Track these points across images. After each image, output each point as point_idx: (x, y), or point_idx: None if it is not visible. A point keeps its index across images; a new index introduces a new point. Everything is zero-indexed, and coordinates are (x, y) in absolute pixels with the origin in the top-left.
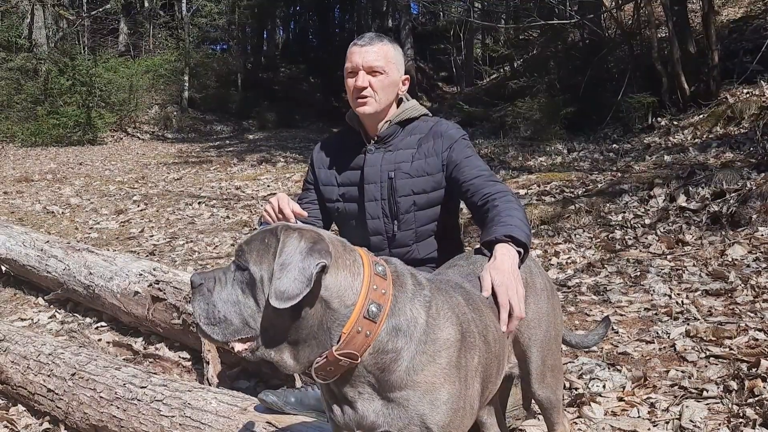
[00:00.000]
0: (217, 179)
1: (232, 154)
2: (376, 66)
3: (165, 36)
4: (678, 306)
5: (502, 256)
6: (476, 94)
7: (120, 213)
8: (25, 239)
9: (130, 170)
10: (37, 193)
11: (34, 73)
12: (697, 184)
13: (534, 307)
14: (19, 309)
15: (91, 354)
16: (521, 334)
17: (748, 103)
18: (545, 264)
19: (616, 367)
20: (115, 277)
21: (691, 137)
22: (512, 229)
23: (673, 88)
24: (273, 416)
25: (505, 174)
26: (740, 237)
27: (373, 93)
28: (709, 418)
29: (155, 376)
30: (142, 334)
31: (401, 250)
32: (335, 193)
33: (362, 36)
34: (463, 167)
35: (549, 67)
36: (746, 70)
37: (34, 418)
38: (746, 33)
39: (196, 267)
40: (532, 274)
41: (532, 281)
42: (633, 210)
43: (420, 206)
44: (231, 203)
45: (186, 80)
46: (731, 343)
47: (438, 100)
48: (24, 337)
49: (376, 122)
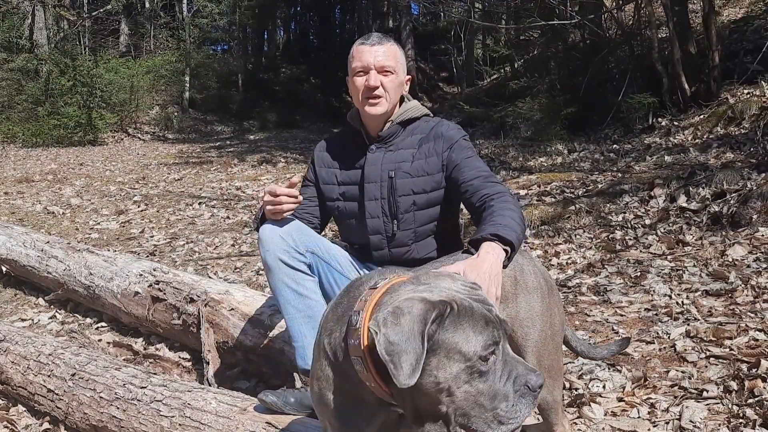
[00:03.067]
0: (217, 180)
1: (233, 155)
2: (388, 66)
3: (166, 36)
4: (678, 306)
5: (485, 254)
6: (477, 95)
7: (120, 213)
8: (25, 240)
9: (131, 171)
10: (38, 194)
11: (35, 74)
12: (698, 184)
13: (526, 306)
14: (19, 309)
15: (91, 354)
16: (515, 333)
17: (748, 103)
18: (545, 264)
19: (616, 368)
20: (116, 277)
21: (691, 137)
22: (500, 228)
23: (674, 89)
24: (273, 416)
25: (505, 174)
26: (741, 237)
27: (384, 93)
28: (709, 419)
29: (155, 376)
30: (142, 334)
31: (400, 249)
32: (335, 192)
33: (369, 35)
34: (463, 168)
35: (549, 67)
36: (747, 71)
37: (34, 418)
38: (747, 33)
39: (196, 267)
40: (523, 272)
41: (524, 280)
42: (633, 210)
43: (420, 206)
44: (231, 204)
45: (187, 81)
46: (731, 344)
47: (439, 100)
48: (24, 338)
49: (381, 122)
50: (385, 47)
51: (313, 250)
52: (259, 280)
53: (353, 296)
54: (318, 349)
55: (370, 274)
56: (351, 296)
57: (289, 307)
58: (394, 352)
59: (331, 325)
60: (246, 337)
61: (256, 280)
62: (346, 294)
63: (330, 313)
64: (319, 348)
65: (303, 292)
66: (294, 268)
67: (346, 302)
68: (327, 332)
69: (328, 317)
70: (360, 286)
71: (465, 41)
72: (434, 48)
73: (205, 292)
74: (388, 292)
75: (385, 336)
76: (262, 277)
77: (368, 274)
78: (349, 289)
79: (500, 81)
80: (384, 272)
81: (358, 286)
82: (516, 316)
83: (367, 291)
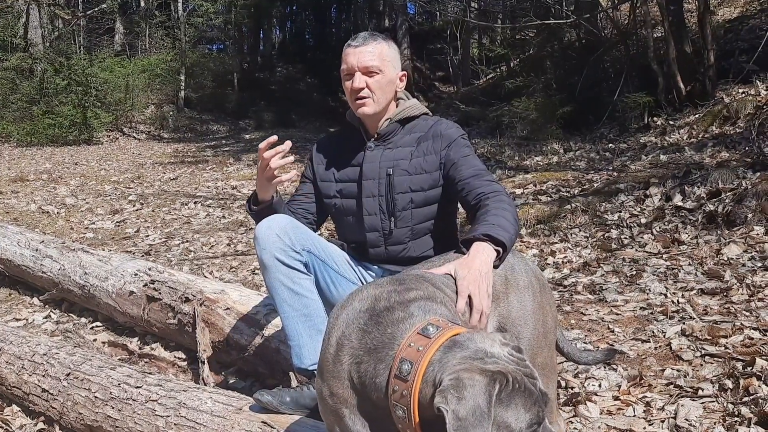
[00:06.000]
0: (213, 179)
1: (229, 154)
2: (372, 66)
3: (161, 35)
4: (674, 305)
5: (476, 253)
6: (473, 94)
7: (115, 213)
8: (20, 239)
9: (126, 170)
10: (33, 193)
11: (30, 73)
12: (693, 183)
13: (517, 305)
14: (13, 309)
15: (86, 354)
16: (507, 332)
17: (743, 102)
18: (541, 263)
19: (611, 366)
20: (111, 276)
21: (686, 137)
22: (491, 228)
23: (669, 88)
24: (269, 416)
25: (501, 174)
26: (736, 236)
27: (370, 93)
28: (705, 417)
29: (150, 376)
30: (137, 334)
31: (397, 247)
32: (333, 189)
33: (356, 36)
34: (460, 166)
35: (545, 66)
36: (742, 70)
37: (29, 418)
38: (742, 33)
39: (192, 267)
40: (514, 271)
41: (515, 279)
42: (629, 209)
43: (417, 204)
44: (227, 203)
45: (182, 80)
46: (726, 342)
47: (435, 99)
48: (19, 338)
49: (376, 121)
50: (370, 47)
51: (310, 248)
52: (254, 280)
53: (390, 332)
54: (336, 365)
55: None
56: (384, 329)
57: (286, 305)
58: (461, 428)
59: (361, 354)
60: (242, 337)
61: (252, 280)
62: (376, 324)
63: (354, 335)
64: (338, 364)
65: (299, 291)
66: (290, 266)
67: (378, 334)
68: (353, 357)
69: (352, 339)
70: (399, 322)
71: (461, 40)
72: (430, 47)
73: (200, 291)
74: (440, 349)
75: (455, 413)
76: (257, 277)
77: (402, 303)
78: (379, 319)
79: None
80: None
81: (396, 323)
82: (508, 315)
83: (417, 337)
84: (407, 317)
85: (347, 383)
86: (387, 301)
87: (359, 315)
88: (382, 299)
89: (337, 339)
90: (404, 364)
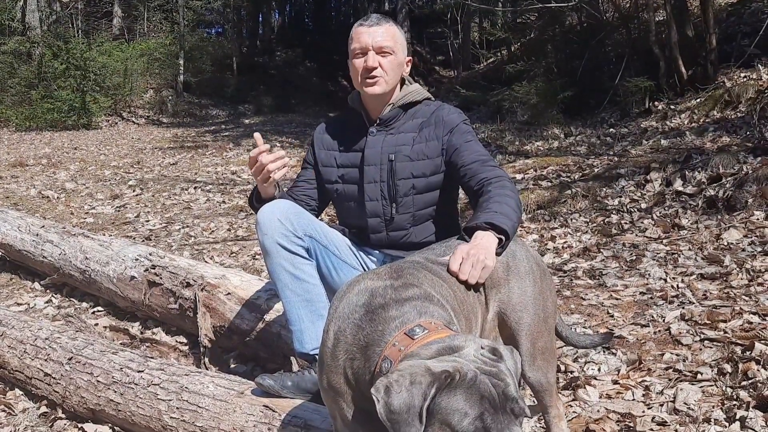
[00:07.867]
0: (213, 164)
1: (228, 139)
2: (386, 46)
3: (159, 19)
4: (673, 290)
5: (480, 241)
6: (473, 78)
7: (115, 198)
8: (20, 224)
9: (126, 155)
10: (32, 178)
11: (28, 57)
12: (694, 168)
13: (518, 291)
14: (15, 294)
15: (87, 339)
16: (508, 317)
17: (745, 87)
18: (541, 248)
19: (611, 351)
20: (111, 261)
21: (688, 121)
22: (494, 216)
23: (671, 72)
24: (270, 400)
25: (502, 158)
26: (736, 221)
27: (383, 73)
28: (704, 401)
29: (152, 360)
30: (138, 318)
31: (398, 233)
32: (335, 175)
33: (368, 17)
34: (462, 152)
35: (546, 50)
36: (744, 54)
37: (32, 402)
38: (744, 16)
39: (192, 252)
40: (515, 258)
41: (515, 265)
42: (629, 194)
43: (419, 190)
44: (227, 188)
45: (181, 64)
46: (726, 327)
47: (435, 84)
48: (21, 322)
49: (381, 104)
50: (384, 28)
51: (311, 234)
52: (255, 265)
53: (380, 330)
54: (333, 360)
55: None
56: (376, 326)
57: (287, 291)
58: (394, 421)
59: (354, 350)
60: (243, 321)
61: (253, 265)
62: (370, 321)
63: (349, 330)
64: (335, 359)
65: (301, 276)
66: (292, 252)
67: (370, 331)
68: (348, 353)
69: (347, 334)
70: (390, 321)
71: (461, 24)
72: (430, 31)
73: (201, 276)
74: (411, 354)
75: (387, 404)
76: (258, 262)
77: (397, 300)
78: (373, 315)
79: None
80: (421, 311)
81: (388, 321)
82: (509, 301)
83: (402, 337)
84: (399, 316)
85: (343, 378)
86: (383, 297)
87: (355, 309)
88: (378, 295)
89: (334, 333)
90: (385, 362)
